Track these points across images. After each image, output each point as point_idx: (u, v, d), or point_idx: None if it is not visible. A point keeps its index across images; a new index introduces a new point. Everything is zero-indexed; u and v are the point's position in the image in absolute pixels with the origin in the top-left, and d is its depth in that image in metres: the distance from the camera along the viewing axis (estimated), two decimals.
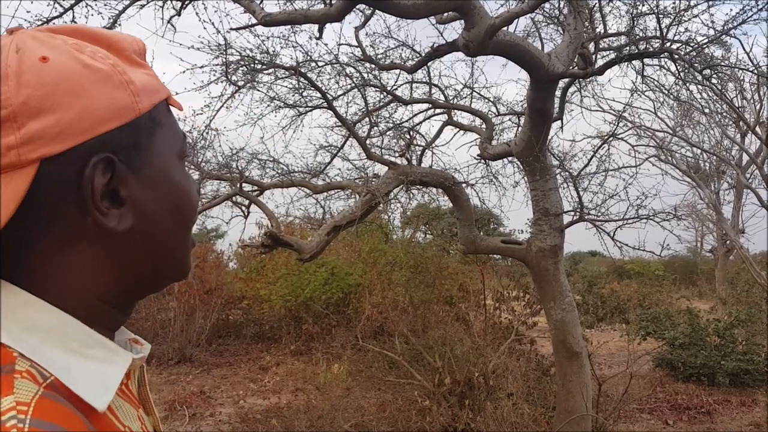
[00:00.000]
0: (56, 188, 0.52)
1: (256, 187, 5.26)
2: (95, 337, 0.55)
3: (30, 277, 0.54)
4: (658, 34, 4.26)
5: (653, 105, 8.69)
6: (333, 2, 3.87)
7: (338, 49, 5.52)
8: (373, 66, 5.26)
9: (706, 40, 4.43)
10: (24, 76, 0.50)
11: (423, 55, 4.86)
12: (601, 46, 4.81)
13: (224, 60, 4.56)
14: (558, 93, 4.85)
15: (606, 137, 5.64)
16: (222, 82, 4.74)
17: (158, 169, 0.59)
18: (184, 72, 4.64)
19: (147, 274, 0.61)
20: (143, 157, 0.57)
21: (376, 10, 4.38)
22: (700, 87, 5.51)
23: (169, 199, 0.60)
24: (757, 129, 9.01)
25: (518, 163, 5.57)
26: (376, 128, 5.75)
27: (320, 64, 5.15)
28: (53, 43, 0.54)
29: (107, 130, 0.53)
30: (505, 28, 3.87)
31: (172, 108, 0.64)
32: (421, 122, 6.16)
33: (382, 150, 5.89)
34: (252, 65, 4.68)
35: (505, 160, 5.92)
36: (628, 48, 4.61)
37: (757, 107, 9.78)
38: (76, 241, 0.55)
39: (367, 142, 5.26)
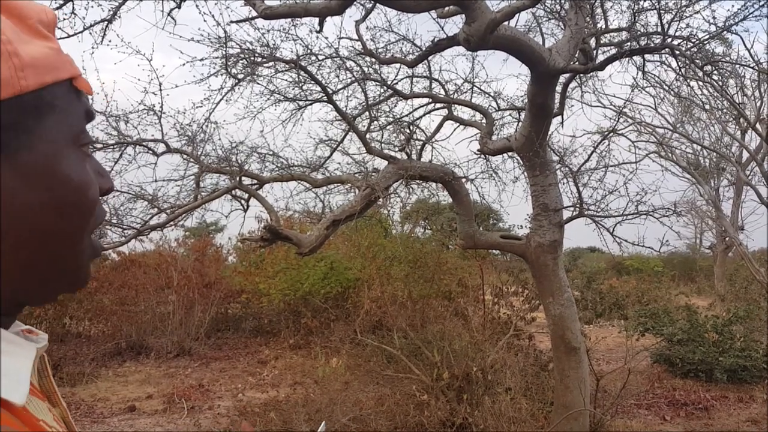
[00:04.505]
0: None
1: (255, 181, 5.25)
2: None
3: None
4: (659, 29, 4.25)
5: (654, 101, 8.71)
6: None
7: (338, 42, 5.49)
8: (373, 60, 5.25)
9: (708, 36, 4.42)
10: None
11: (423, 49, 4.85)
12: (602, 42, 4.80)
13: (224, 53, 4.55)
14: (558, 88, 4.84)
15: (606, 133, 5.64)
16: (222, 75, 4.73)
17: (41, 157, 0.51)
18: (184, 65, 4.63)
19: (21, 277, 0.52)
20: (23, 141, 0.49)
21: (377, 4, 4.36)
22: (700, 83, 5.50)
23: (50, 193, 0.51)
24: (758, 126, 9.00)
25: (518, 158, 5.57)
26: (376, 122, 5.73)
27: (320, 57, 5.14)
28: None
29: None
30: (506, 23, 3.86)
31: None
32: (421, 117, 6.15)
33: (382, 144, 5.89)
34: (252, 58, 4.66)
35: (505, 155, 5.92)
36: (629, 44, 4.60)
37: (758, 104, 9.78)
38: None
39: (367, 136, 5.25)
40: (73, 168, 0.54)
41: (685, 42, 4.36)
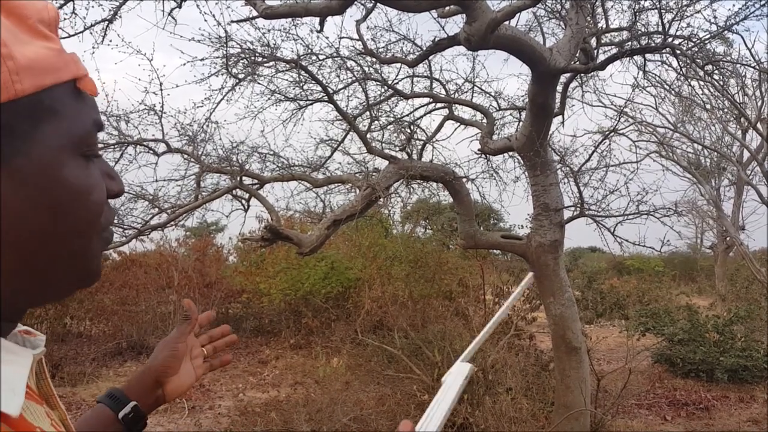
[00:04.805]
0: None
1: (256, 181, 5.25)
2: None
3: None
4: (660, 29, 4.24)
5: (654, 101, 8.72)
6: None
7: (339, 42, 5.49)
8: (374, 60, 5.25)
9: (708, 36, 4.42)
10: None
11: (424, 49, 4.84)
12: (602, 41, 4.80)
13: (225, 53, 4.55)
14: (559, 88, 4.84)
15: (607, 133, 5.63)
16: (222, 74, 4.74)
17: (39, 163, 0.49)
18: (184, 65, 4.64)
19: (21, 279, 0.51)
20: (18, 147, 0.47)
21: (378, 3, 4.36)
22: (701, 83, 5.50)
23: (48, 198, 0.50)
24: (759, 125, 9.00)
25: (519, 158, 5.57)
26: (376, 122, 5.74)
27: (321, 57, 5.14)
28: None
29: None
30: (506, 23, 3.86)
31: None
32: (421, 116, 6.16)
33: (383, 144, 5.89)
34: (252, 58, 4.67)
35: (505, 155, 5.92)
36: (630, 43, 4.60)
37: (759, 103, 9.77)
38: None
39: (368, 136, 5.25)
40: (73, 172, 0.52)
41: (686, 41, 4.36)
